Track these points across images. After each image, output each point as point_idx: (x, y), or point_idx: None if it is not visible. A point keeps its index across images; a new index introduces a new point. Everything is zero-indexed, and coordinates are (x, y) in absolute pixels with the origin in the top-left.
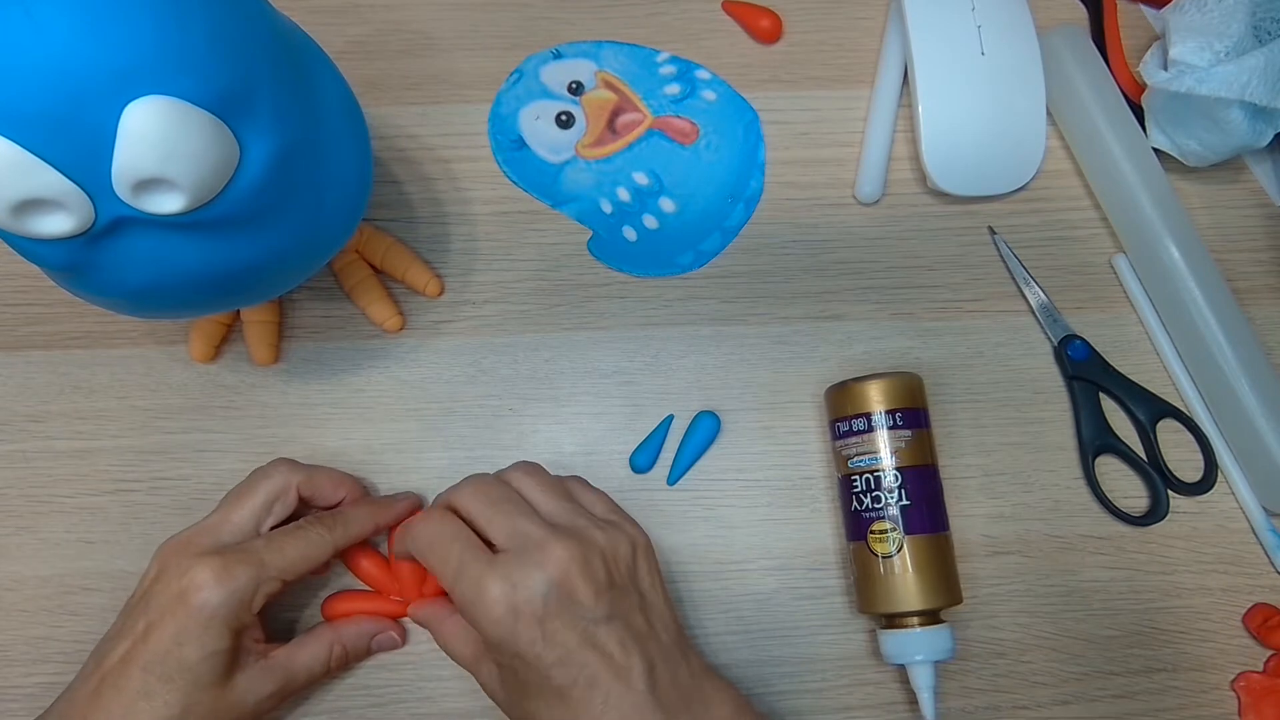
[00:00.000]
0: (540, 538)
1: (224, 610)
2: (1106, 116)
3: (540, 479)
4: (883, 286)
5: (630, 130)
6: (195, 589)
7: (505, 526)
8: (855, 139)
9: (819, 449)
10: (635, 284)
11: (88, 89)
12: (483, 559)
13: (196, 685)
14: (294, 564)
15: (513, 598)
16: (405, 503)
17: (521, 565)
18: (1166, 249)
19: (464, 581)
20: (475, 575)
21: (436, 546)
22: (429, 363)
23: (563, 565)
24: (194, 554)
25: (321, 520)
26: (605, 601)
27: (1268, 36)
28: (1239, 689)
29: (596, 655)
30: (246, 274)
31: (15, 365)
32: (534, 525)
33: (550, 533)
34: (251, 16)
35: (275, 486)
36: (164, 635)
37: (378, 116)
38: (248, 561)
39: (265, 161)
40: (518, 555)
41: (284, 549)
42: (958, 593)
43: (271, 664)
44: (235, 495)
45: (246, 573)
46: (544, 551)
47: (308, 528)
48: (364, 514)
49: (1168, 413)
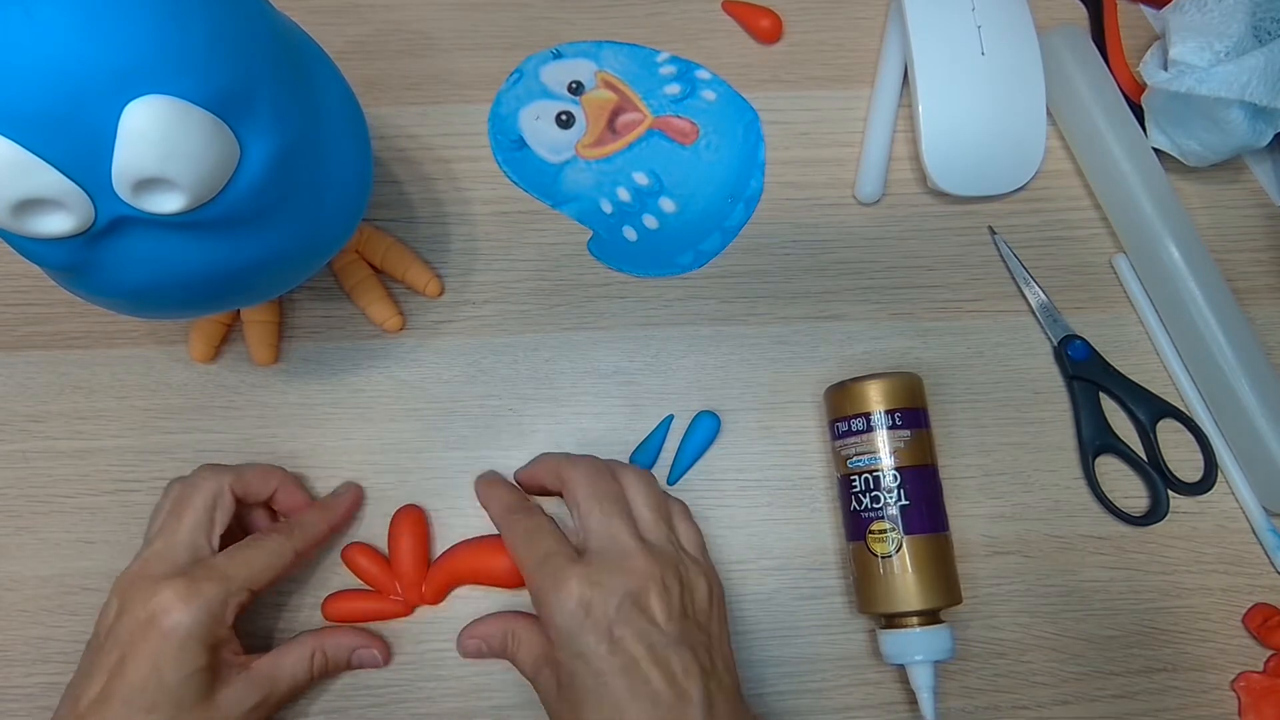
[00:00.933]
0: (630, 548)
1: (198, 628)
2: (1106, 116)
3: (649, 491)
4: (883, 286)
5: (630, 130)
6: (164, 612)
7: (603, 524)
8: (855, 139)
9: (819, 449)
10: (635, 284)
11: (88, 88)
12: (570, 555)
13: (180, 708)
14: (259, 574)
15: (589, 595)
16: (350, 496)
17: (605, 568)
18: (1166, 249)
19: (546, 568)
20: (559, 566)
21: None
22: (429, 363)
23: (643, 580)
24: (155, 579)
25: (278, 528)
26: (676, 627)
27: (1268, 36)
28: (1239, 689)
29: (661, 673)
30: (246, 274)
31: (15, 365)
32: (628, 534)
33: (640, 546)
34: (251, 16)
35: (208, 493)
36: (140, 664)
37: (378, 116)
38: (212, 577)
39: (265, 161)
40: (604, 557)
41: (247, 560)
42: (957, 593)
43: (253, 675)
44: (171, 514)
45: (213, 588)
46: (630, 560)
47: (266, 536)
48: (317, 517)
49: (1168, 413)
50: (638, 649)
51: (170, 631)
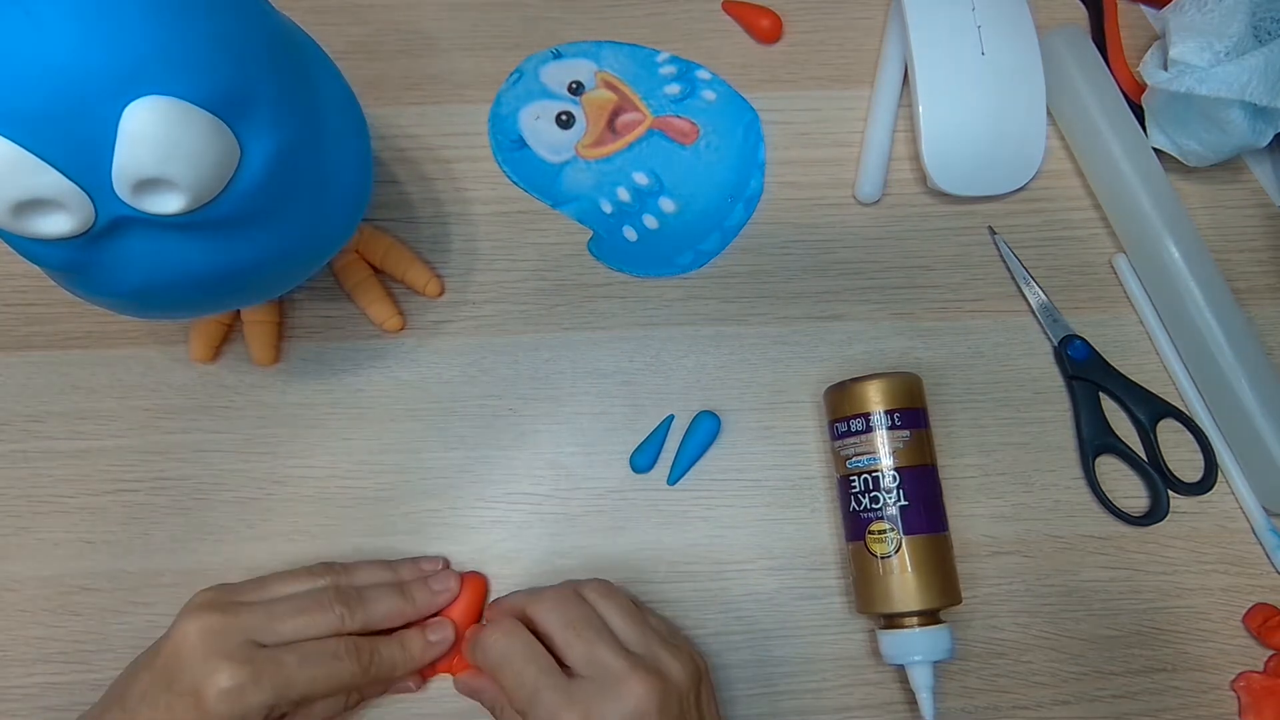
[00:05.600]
0: (620, 671)
1: None
2: (1106, 116)
3: (618, 601)
4: (883, 286)
5: (630, 130)
6: (213, 696)
7: (585, 653)
8: (855, 139)
9: (819, 449)
10: (635, 284)
11: (88, 89)
12: (560, 685)
13: None
14: (317, 693)
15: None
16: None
17: (600, 698)
18: (1167, 249)
19: (539, 708)
20: (552, 702)
21: (512, 664)
22: (429, 363)
23: (641, 702)
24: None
25: (359, 655)
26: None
27: (1268, 36)
28: (1239, 689)
29: None
30: (246, 274)
31: (15, 365)
32: (613, 655)
33: (630, 666)
34: (251, 17)
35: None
36: None
37: (378, 116)
38: (274, 679)
39: (265, 161)
40: (597, 686)
41: (314, 680)
42: (957, 593)
43: None
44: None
45: (270, 693)
46: (623, 685)
47: (344, 661)
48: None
49: (1168, 413)
50: None
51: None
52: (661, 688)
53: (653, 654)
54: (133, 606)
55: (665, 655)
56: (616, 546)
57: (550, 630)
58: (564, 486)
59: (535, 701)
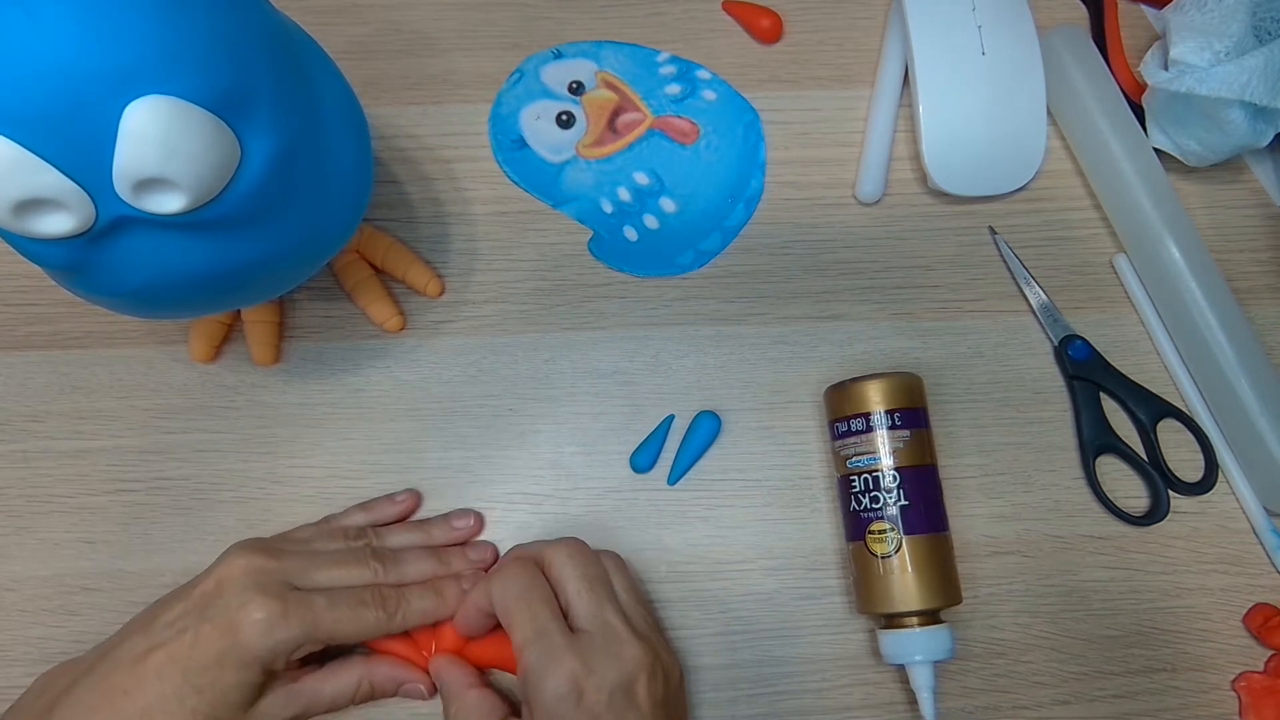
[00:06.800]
0: (623, 634)
1: (266, 655)
2: (1107, 116)
3: (628, 578)
4: (883, 286)
5: (631, 130)
6: (247, 625)
7: (593, 608)
8: (855, 139)
9: (819, 449)
10: (635, 284)
11: (88, 88)
12: (565, 632)
13: (224, 703)
14: (344, 636)
15: (582, 681)
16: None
17: (602, 654)
18: (1167, 249)
19: (539, 645)
20: (553, 644)
21: (522, 602)
22: (429, 363)
23: (636, 668)
24: (260, 588)
25: (386, 603)
26: (660, 714)
27: (1268, 36)
28: (1239, 689)
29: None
30: (247, 274)
31: (15, 365)
32: (619, 619)
33: (631, 632)
34: (252, 16)
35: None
36: (209, 652)
37: (378, 116)
38: (304, 618)
39: (266, 161)
40: (600, 642)
41: (340, 621)
42: (957, 593)
43: (298, 689)
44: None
45: (299, 629)
46: (624, 647)
47: (371, 608)
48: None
49: (1168, 413)
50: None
51: (243, 646)
52: (653, 661)
53: (649, 632)
54: (133, 606)
55: (660, 642)
56: (616, 546)
57: (564, 578)
58: (564, 486)
59: (540, 638)
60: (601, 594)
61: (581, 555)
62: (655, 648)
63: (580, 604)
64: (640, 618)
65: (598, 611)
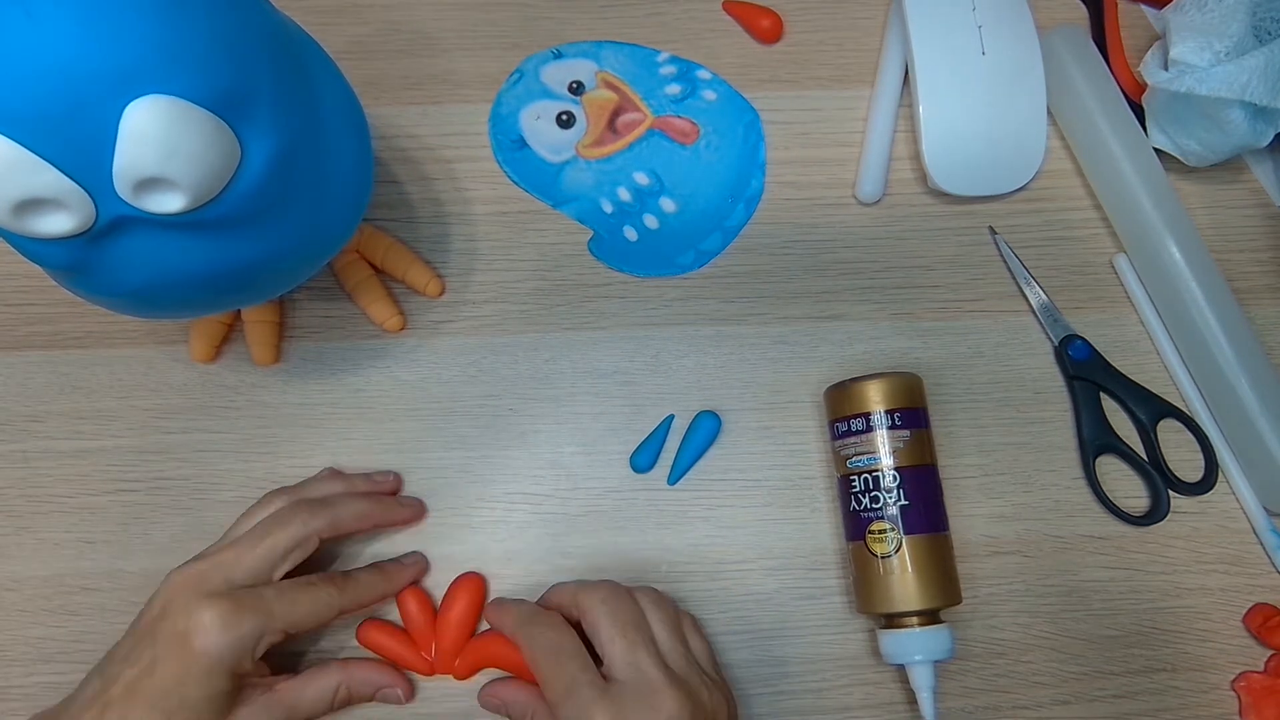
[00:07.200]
0: (657, 682)
1: (228, 656)
2: (1107, 116)
3: (666, 614)
4: (883, 286)
5: (631, 130)
6: (200, 632)
7: (627, 655)
8: (855, 139)
9: (819, 449)
10: (635, 284)
11: (88, 88)
12: (598, 684)
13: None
14: (301, 620)
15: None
16: (414, 569)
17: (634, 704)
18: (1167, 249)
19: (571, 702)
20: (583, 700)
21: (555, 657)
22: (429, 363)
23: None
24: (203, 594)
25: (334, 580)
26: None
27: (1268, 36)
28: (1239, 689)
29: None
30: (247, 274)
31: (15, 365)
32: (654, 665)
33: (667, 679)
34: (252, 16)
35: (296, 536)
36: (168, 672)
37: (378, 116)
38: (256, 609)
39: (266, 161)
40: (633, 691)
41: (294, 603)
42: (957, 593)
43: (275, 698)
44: (253, 534)
45: (253, 621)
46: (658, 697)
47: (320, 586)
48: (375, 580)
49: (1168, 413)
50: None
51: (201, 654)
52: (692, 709)
53: (689, 676)
54: (133, 606)
55: (699, 681)
56: (616, 546)
57: (598, 623)
58: (564, 486)
59: (571, 692)
60: (635, 638)
61: (615, 599)
62: (694, 691)
63: (614, 651)
64: (680, 659)
65: (631, 659)
